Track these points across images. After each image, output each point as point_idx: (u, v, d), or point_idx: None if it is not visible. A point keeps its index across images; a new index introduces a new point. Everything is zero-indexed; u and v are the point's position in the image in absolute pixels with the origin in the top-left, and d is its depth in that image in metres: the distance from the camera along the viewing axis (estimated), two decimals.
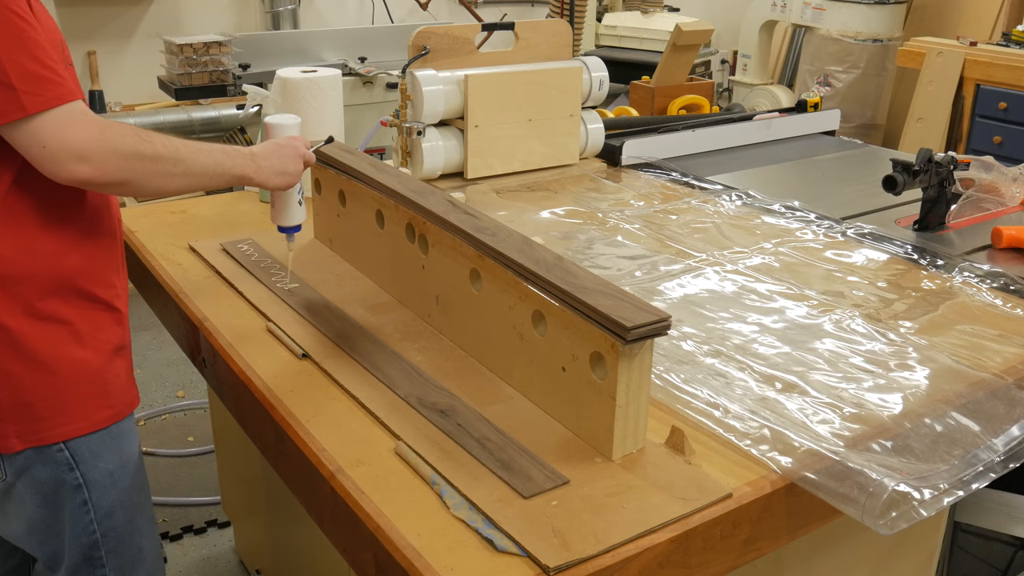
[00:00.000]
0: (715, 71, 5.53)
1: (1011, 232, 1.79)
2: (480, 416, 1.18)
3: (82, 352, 1.33)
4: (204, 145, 1.35)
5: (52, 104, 1.17)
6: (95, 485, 1.37)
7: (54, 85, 1.18)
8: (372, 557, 1.01)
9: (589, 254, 1.70)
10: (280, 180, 1.43)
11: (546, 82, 2.08)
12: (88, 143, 1.19)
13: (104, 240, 1.38)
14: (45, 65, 1.18)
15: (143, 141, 1.24)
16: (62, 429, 1.32)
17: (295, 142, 1.46)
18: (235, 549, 2.49)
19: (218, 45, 3.79)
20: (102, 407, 1.36)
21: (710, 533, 1.02)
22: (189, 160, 1.29)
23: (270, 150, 1.42)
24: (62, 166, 1.18)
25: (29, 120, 1.16)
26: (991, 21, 4.94)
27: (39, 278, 1.28)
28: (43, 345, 1.29)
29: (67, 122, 1.18)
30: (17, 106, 1.16)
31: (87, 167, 1.19)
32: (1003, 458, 1.14)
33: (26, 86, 1.16)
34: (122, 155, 1.22)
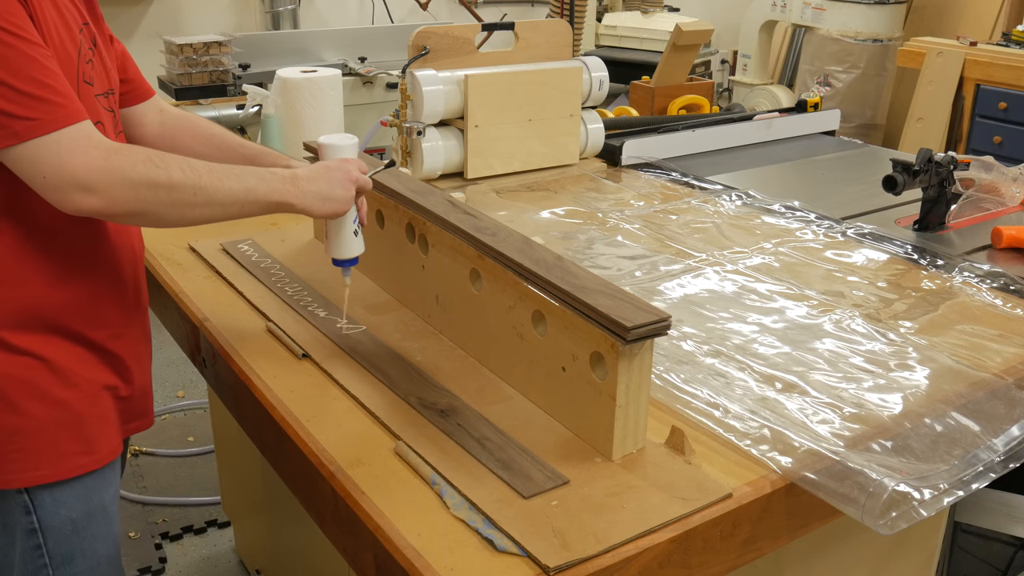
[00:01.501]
0: (715, 71, 5.53)
1: (1011, 232, 1.79)
2: (480, 416, 1.18)
3: (60, 392, 1.21)
4: (235, 168, 1.20)
5: (49, 128, 1.06)
6: (53, 531, 1.24)
7: (52, 107, 1.07)
8: (372, 557, 1.01)
9: (589, 254, 1.70)
10: (326, 207, 1.25)
11: (546, 82, 2.08)
12: (92, 172, 1.07)
13: (102, 275, 1.26)
14: (42, 84, 1.06)
15: (156, 167, 1.11)
16: (24, 475, 1.19)
17: (347, 165, 1.29)
18: (235, 549, 2.49)
19: (218, 45, 3.79)
20: (76, 454, 1.23)
21: (710, 533, 1.02)
22: (213, 187, 1.15)
23: (317, 173, 1.26)
24: (66, 197, 1.08)
25: (24, 147, 1.06)
26: (991, 21, 4.94)
27: (6, 310, 1.16)
28: (9, 383, 1.17)
29: (68, 148, 1.07)
30: (9, 132, 1.05)
31: (93, 198, 1.08)
32: (1003, 458, 1.14)
33: (20, 109, 1.05)
34: (131, 184, 1.09)
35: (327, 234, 1.34)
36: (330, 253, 1.35)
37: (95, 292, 1.25)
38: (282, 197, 1.21)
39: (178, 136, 1.46)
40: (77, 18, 1.22)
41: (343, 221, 1.32)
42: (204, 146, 1.45)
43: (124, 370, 1.31)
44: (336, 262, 1.36)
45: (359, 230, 1.35)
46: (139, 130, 1.45)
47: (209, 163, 1.18)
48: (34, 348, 1.18)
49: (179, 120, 1.49)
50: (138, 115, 1.45)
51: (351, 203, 1.29)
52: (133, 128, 1.44)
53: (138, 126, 1.45)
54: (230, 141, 1.47)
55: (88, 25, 1.25)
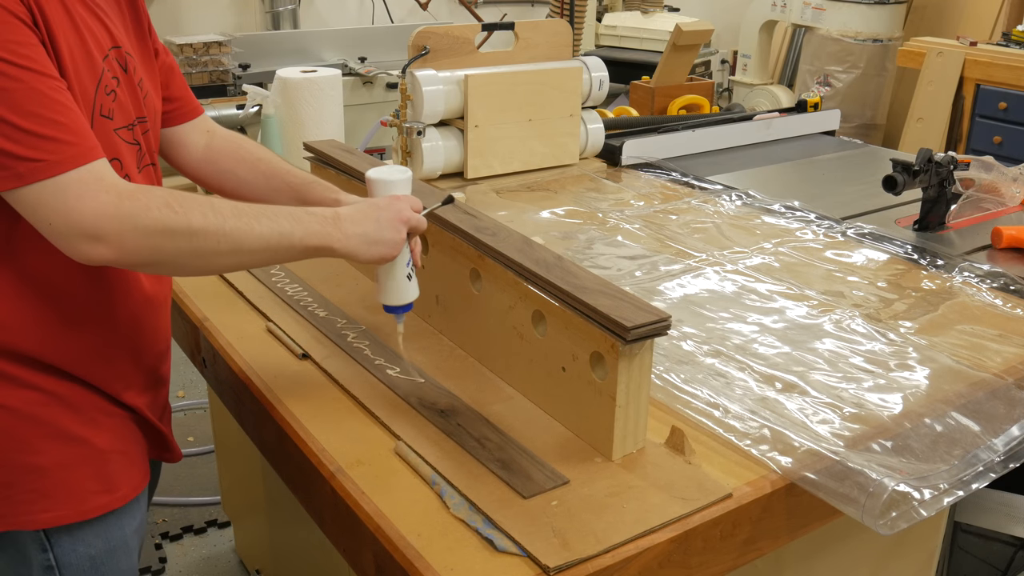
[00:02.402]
0: (715, 71, 5.53)
1: (1011, 232, 1.78)
2: (480, 416, 1.18)
3: (80, 430, 1.11)
4: (267, 210, 1.08)
5: (56, 170, 0.95)
6: (70, 568, 1.15)
7: (60, 146, 0.96)
8: (372, 557, 1.01)
9: (589, 254, 1.70)
10: (373, 251, 1.14)
11: (546, 82, 2.08)
12: (101, 219, 0.96)
13: (109, 326, 1.14)
14: (50, 121, 0.96)
15: (173, 212, 1.00)
16: (40, 516, 1.10)
17: (398, 203, 1.16)
18: (235, 549, 2.49)
19: (218, 45, 3.80)
20: (97, 493, 1.14)
21: (710, 533, 1.02)
22: (241, 233, 1.04)
23: (363, 213, 1.14)
24: (74, 246, 0.97)
25: (28, 190, 0.95)
26: (991, 21, 4.94)
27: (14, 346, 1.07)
28: (22, 421, 1.08)
29: (76, 193, 0.96)
30: (11, 173, 0.95)
31: (103, 247, 0.97)
32: (1003, 458, 1.14)
33: (23, 149, 0.95)
34: (145, 232, 0.98)
35: (376, 277, 1.23)
36: (380, 299, 1.23)
37: (104, 343, 1.14)
38: (321, 241, 1.09)
39: (222, 161, 1.35)
40: (104, 42, 1.11)
41: (394, 265, 1.20)
42: (249, 172, 1.34)
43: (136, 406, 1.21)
44: (388, 308, 1.24)
45: (413, 273, 1.22)
46: (183, 152, 1.35)
47: (238, 205, 1.06)
48: (48, 385, 1.09)
49: (226, 143, 1.37)
50: (184, 136, 1.34)
51: (401, 246, 1.16)
52: (177, 149, 1.34)
53: (182, 147, 1.34)
54: (277, 168, 1.34)
55: (118, 49, 1.14)
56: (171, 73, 1.31)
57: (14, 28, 0.96)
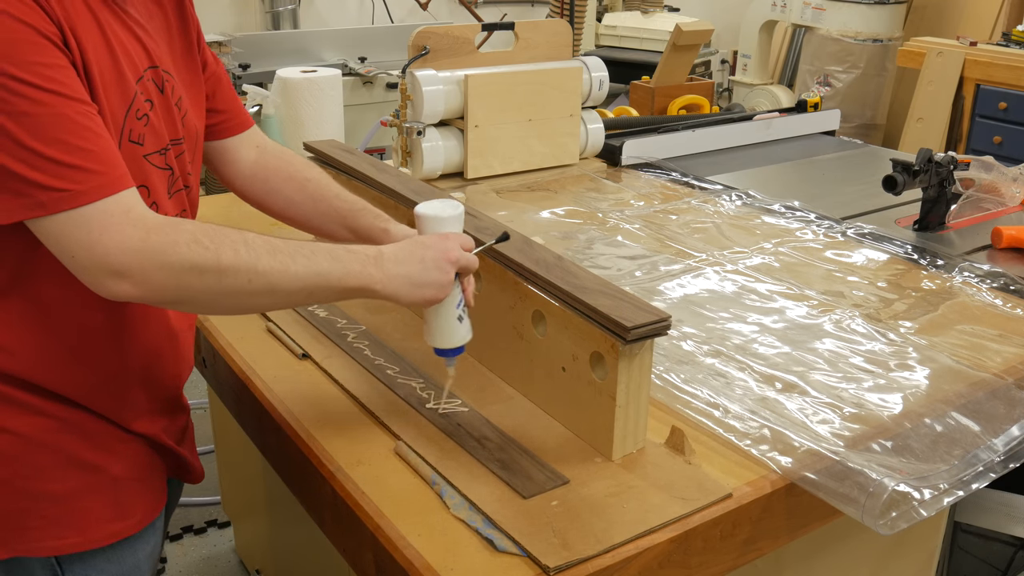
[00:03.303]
0: (715, 71, 5.52)
1: (1011, 232, 1.78)
2: (480, 416, 1.18)
3: (92, 456, 1.07)
4: (306, 247, 1.01)
5: (81, 201, 0.90)
6: None
7: (86, 175, 0.91)
8: (372, 557, 1.01)
9: (589, 254, 1.70)
10: (417, 294, 1.07)
11: (546, 82, 2.08)
12: (125, 254, 0.91)
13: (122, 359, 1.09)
14: (76, 148, 0.90)
15: (203, 249, 0.94)
16: (50, 544, 1.05)
17: (446, 243, 1.09)
18: (235, 549, 2.49)
19: (218, 45, 3.79)
20: (109, 520, 1.09)
21: (710, 533, 1.02)
22: (275, 272, 0.98)
23: (407, 253, 1.07)
24: (98, 281, 0.92)
25: (52, 220, 0.90)
26: (991, 21, 4.94)
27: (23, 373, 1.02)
28: (31, 447, 1.03)
29: (100, 225, 0.90)
30: (33, 202, 0.89)
31: (127, 284, 0.92)
32: (1003, 458, 1.14)
33: (45, 177, 0.89)
34: (171, 269, 0.93)
35: (425, 318, 1.15)
36: (428, 340, 1.15)
37: (118, 374, 1.09)
38: (361, 282, 1.04)
39: (271, 179, 1.29)
40: (140, 63, 1.05)
41: (442, 306, 1.12)
42: (297, 193, 1.28)
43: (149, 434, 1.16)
44: (437, 351, 1.16)
45: (464, 314, 1.14)
46: (231, 168, 1.30)
47: (273, 241, 1.00)
48: (60, 412, 1.05)
49: (276, 160, 1.31)
50: (231, 151, 1.29)
51: (448, 289, 1.09)
52: (225, 164, 1.30)
53: (231, 162, 1.29)
54: (325, 191, 1.28)
55: (155, 69, 1.08)
56: (218, 84, 1.26)
57: (42, 49, 0.91)
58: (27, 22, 0.90)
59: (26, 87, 0.89)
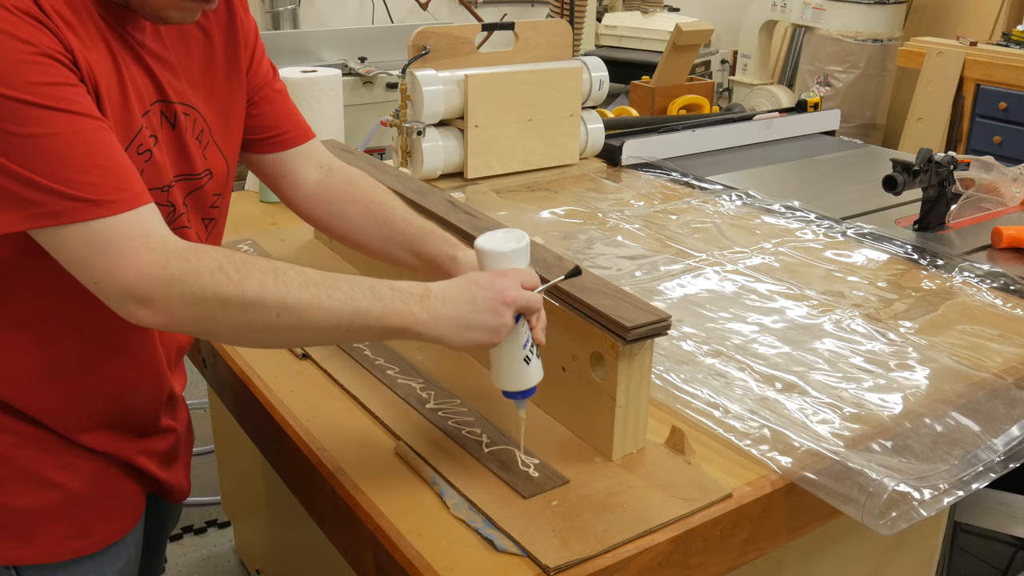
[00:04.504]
0: (715, 71, 5.52)
1: (1011, 232, 1.79)
2: (480, 416, 1.18)
3: (53, 475, 1.04)
4: (344, 281, 0.94)
5: (96, 213, 0.87)
6: None
7: (96, 189, 0.87)
8: (372, 557, 1.01)
9: (589, 254, 1.70)
10: (467, 337, 0.98)
11: (546, 82, 2.08)
12: (146, 281, 0.87)
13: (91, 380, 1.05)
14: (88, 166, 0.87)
15: (227, 279, 0.88)
16: (7, 553, 1.03)
17: (503, 282, 0.99)
18: (235, 549, 2.49)
19: None
20: (67, 538, 1.05)
21: (710, 533, 1.02)
22: (305, 307, 0.91)
23: (458, 291, 0.98)
24: (123, 308, 0.89)
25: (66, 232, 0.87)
26: (991, 21, 4.94)
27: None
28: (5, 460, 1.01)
29: (118, 248, 0.87)
30: (46, 210, 0.86)
31: (149, 312, 0.88)
32: (1003, 458, 1.14)
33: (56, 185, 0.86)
34: (193, 299, 0.88)
35: (491, 357, 1.06)
36: (495, 382, 1.06)
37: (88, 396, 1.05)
38: (404, 322, 0.95)
39: (336, 201, 1.23)
40: (147, 95, 1.01)
41: (505, 348, 1.02)
42: (362, 216, 1.22)
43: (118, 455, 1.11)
44: (507, 394, 1.07)
45: (532, 355, 1.03)
46: (292, 187, 1.24)
47: (309, 273, 0.93)
48: (20, 428, 1.01)
49: (341, 181, 1.24)
50: (292, 167, 1.22)
51: (504, 332, 0.99)
52: (286, 183, 1.24)
53: (292, 182, 1.24)
54: (391, 215, 1.21)
55: (167, 103, 1.03)
56: (271, 105, 1.20)
57: (47, 69, 0.87)
58: (30, 42, 0.87)
59: (32, 108, 0.85)
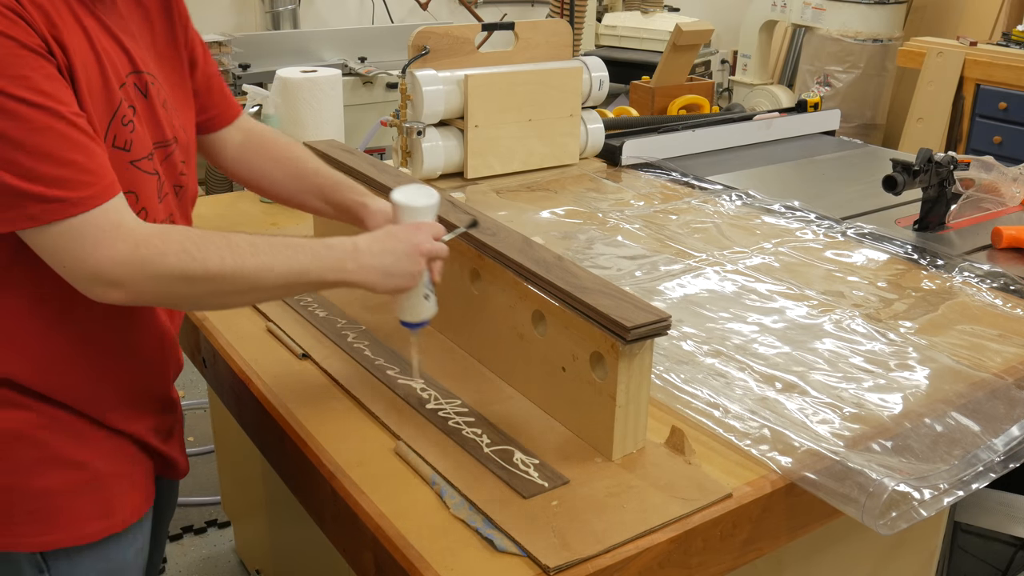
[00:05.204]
0: (715, 71, 5.52)
1: (1011, 232, 1.78)
2: (480, 416, 1.18)
3: (76, 453, 1.08)
4: (288, 244, 1.06)
5: (70, 212, 0.93)
6: None
7: (73, 187, 0.93)
8: (372, 557, 1.01)
9: (589, 254, 1.70)
10: (389, 283, 1.12)
11: (546, 82, 2.08)
12: (117, 266, 0.95)
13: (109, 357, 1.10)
14: (63, 161, 0.93)
15: (191, 259, 0.98)
16: (36, 539, 1.06)
17: (419, 235, 1.13)
18: (235, 549, 2.49)
19: (218, 45, 3.80)
20: (94, 518, 1.09)
21: (710, 533, 1.02)
22: (259, 273, 1.03)
23: (381, 244, 1.12)
24: (89, 289, 0.97)
25: (43, 231, 0.93)
26: (991, 21, 4.94)
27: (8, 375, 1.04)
28: (15, 442, 1.04)
29: (92, 239, 0.94)
30: (23, 215, 0.92)
31: (118, 292, 0.96)
32: (1003, 458, 1.14)
33: (38, 187, 0.92)
34: (161, 278, 0.97)
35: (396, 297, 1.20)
36: (396, 314, 1.22)
37: (107, 373, 1.10)
38: (338, 276, 1.09)
39: (256, 160, 1.35)
40: (122, 69, 1.06)
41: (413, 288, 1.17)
42: (281, 172, 1.34)
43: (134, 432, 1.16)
44: (403, 323, 1.22)
45: (431, 292, 1.19)
46: (220, 153, 1.35)
47: (256, 241, 1.04)
48: (46, 409, 1.06)
49: (260, 141, 1.36)
50: (221, 141, 1.33)
51: (420, 277, 1.14)
52: (215, 150, 1.34)
53: (219, 153, 1.34)
54: (306, 168, 1.34)
55: (138, 74, 1.08)
56: (210, 83, 1.28)
57: (26, 61, 0.92)
58: (9, 35, 0.90)
59: (13, 102, 0.90)
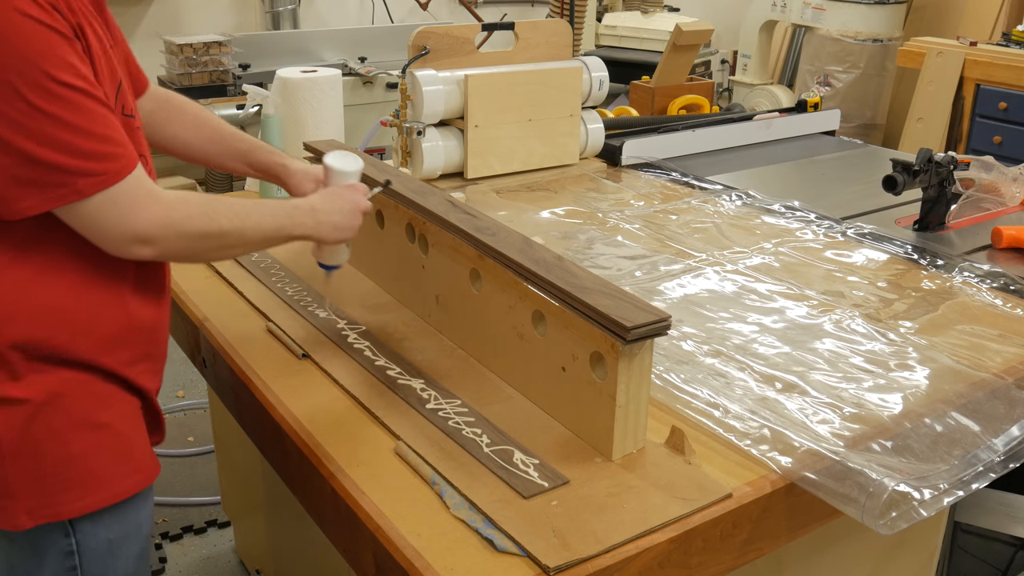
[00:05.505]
0: (715, 71, 5.53)
1: (1011, 232, 1.78)
2: (480, 416, 1.18)
3: (102, 415, 1.15)
4: (268, 207, 1.22)
5: (111, 182, 1.04)
6: (90, 553, 1.19)
7: (111, 160, 1.04)
8: (372, 557, 1.01)
9: (589, 254, 1.70)
10: (338, 235, 1.30)
11: (546, 82, 2.08)
12: (154, 227, 1.08)
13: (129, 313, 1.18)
14: (102, 137, 1.03)
15: (210, 220, 1.13)
16: (79, 503, 1.14)
17: (356, 195, 1.32)
18: (235, 549, 2.49)
19: (218, 45, 3.80)
20: (125, 475, 1.18)
21: (710, 533, 1.02)
22: (252, 231, 1.18)
23: (330, 204, 1.29)
24: (125, 248, 1.08)
25: (87, 203, 1.04)
26: (991, 21, 4.94)
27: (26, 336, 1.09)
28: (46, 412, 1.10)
29: (128, 203, 1.06)
30: (72, 190, 1.02)
31: (149, 249, 1.09)
32: (1003, 458, 1.14)
33: (83, 162, 1.02)
34: (187, 236, 1.11)
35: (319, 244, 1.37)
36: (319, 259, 1.40)
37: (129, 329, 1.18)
38: (303, 231, 1.25)
39: (167, 126, 1.40)
40: (106, 39, 1.14)
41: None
42: (195, 137, 1.41)
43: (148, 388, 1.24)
44: (322, 266, 1.41)
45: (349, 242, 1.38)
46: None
47: (245, 204, 1.19)
48: (68, 374, 1.11)
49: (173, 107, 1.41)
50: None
51: (357, 230, 1.31)
52: None
53: None
54: (223, 133, 1.43)
55: (113, 47, 1.17)
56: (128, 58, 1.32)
57: (63, 46, 1.01)
58: (47, 23, 0.99)
59: (59, 86, 1.00)
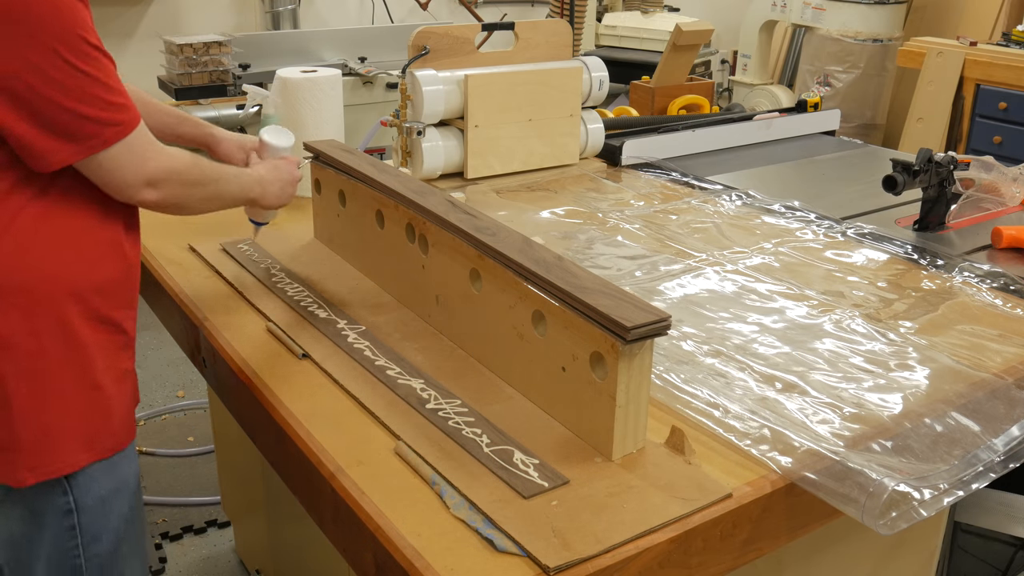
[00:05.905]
0: (715, 71, 5.52)
1: (1011, 232, 1.79)
2: (480, 416, 1.18)
3: (97, 377, 1.25)
4: (230, 169, 1.41)
5: (128, 131, 1.17)
6: (86, 511, 1.28)
7: (127, 111, 1.17)
8: (372, 557, 1.01)
9: (589, 254, 1.70)
10: (280, 202, 1.51)
11: (546, 82, 2.08)
12: (162, 172, 1.21)
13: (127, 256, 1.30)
14: (116, 90, 1.16)
15: (201, 173, 1.28)
16: (72, 458, 1.24)
17: (292, 168, 1.52)
18: (235, 549, 2.49)
19: (218, 45, 3.80)
20: (111, 434, 1.29)
21: (710, 533, 1.02)
22: (227, 188, 1.36)
23: (273, 176, 1.48)
24: (135, 193, 1.20)
25: (111, 151, 1.16)
26: (991, 21, 4.94)
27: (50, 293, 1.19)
28: (62, 369, 1.21)
29: (140, 149, 1.19)
30: (101, 140, 1.15)
31: (155, 193, 1.22)
32: (1003, 458, 1.14)
33: (109, 113, 1.15)
34: (184, 182, 1.25)
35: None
36: (252, 217, 1.61)
37: (123, 272, 1.29)
38: (254, 195, 1.44)
39: None
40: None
41: None
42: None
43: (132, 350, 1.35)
44: (253, 222, 1.63)
45: None
46: None
47: (218, 165, 1.34)
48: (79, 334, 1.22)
49: None
50: None
51: (293, 196, 1.54)
52: None
53: None
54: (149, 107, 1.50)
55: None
56: None
57: (84, 12, 1.13)
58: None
59: (89, 47, 1.12)
